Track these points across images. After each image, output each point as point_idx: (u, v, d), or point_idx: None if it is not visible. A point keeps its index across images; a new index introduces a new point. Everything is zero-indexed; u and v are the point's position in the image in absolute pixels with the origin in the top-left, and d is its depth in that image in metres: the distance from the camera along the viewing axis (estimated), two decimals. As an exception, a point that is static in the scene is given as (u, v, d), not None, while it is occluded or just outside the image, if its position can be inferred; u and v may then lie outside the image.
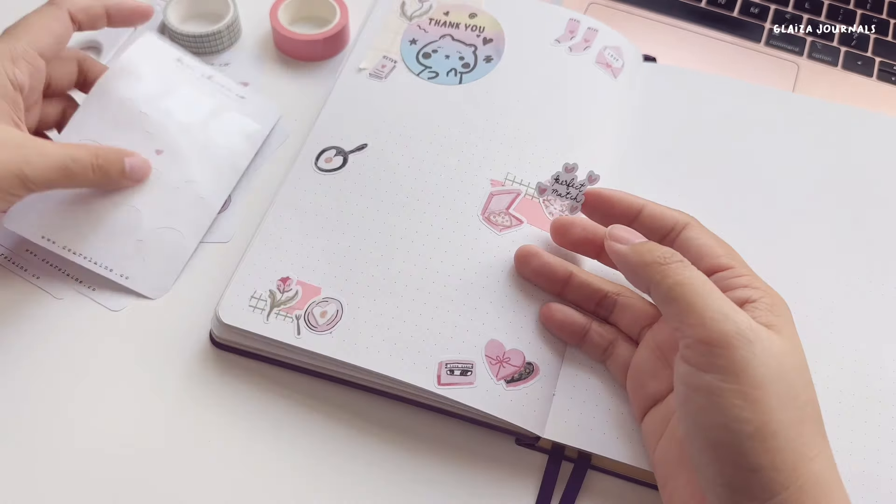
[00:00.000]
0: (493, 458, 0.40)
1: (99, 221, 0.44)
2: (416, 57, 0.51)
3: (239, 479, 0.39)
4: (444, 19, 0.53)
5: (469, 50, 0.51)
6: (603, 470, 0.40)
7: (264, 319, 0.41)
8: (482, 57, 0.51)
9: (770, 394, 0.31)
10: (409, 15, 0.53)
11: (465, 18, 0.53)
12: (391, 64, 0.51)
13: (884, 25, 0.63)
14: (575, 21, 0.53)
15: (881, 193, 0.50)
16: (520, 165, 0.47)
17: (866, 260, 0.47)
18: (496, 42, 0.52)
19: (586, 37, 0.53)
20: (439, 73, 0.50)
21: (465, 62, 0.51)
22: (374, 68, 0.50)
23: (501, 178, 0.46)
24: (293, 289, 0.42)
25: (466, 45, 0.52)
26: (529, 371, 0.40)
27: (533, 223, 0.45)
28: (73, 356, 0.42)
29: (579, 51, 0.52)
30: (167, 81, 0.48)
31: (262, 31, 0.56)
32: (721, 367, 0.32)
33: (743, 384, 0.31)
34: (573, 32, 0.53)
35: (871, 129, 0.53)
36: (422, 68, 0.51)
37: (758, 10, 0.62)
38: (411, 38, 0.52)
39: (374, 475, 0.40)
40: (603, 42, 0.53)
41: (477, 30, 0.52)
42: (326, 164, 0.46)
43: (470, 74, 0.51)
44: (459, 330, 0.41)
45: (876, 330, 0.44)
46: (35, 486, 0.38)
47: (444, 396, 0.39)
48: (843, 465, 0.33)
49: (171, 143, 0.46)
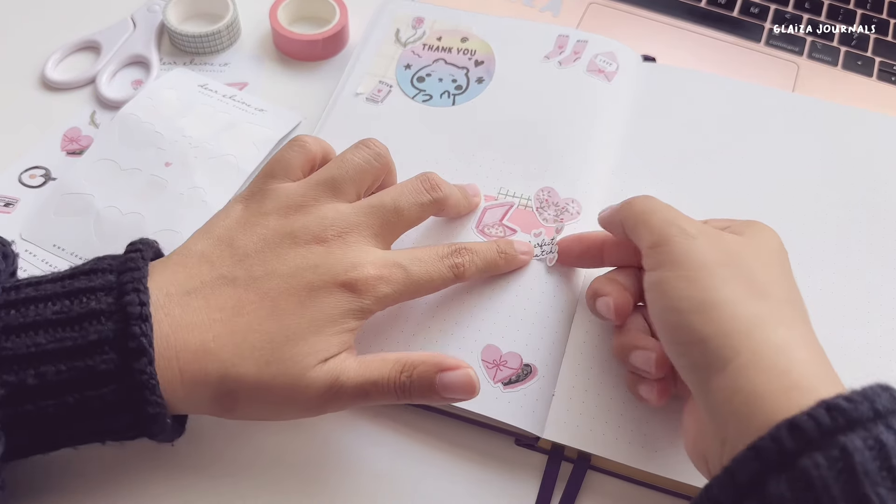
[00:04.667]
0: (492, 458, 0.40)
1: (105, 228, 0.45)
2: (410, 81, 0.52)
3: (237, 480, 0.39)
4: (437, 44, 0.54)
5: (461, 72, 0.52)
6: (603, 470, 0.40)
7: None
8: (474, 78, 0.52)
9: (714, 274, 0.33)
10: (404, 41, 0.54)
11: (458, 42, 0.54)
12: (387, 88, 0.52)
13: (884, 25, 0.63)
14: (563, 36, 0.54)
15: (881, 193, 0.50)
16: (512, 179, 0.47)
17: (866, 259, 0.47)
18: (487, 64, 0.53)
19: (575, 49, 0.54)
20: (433, 95, 0.51)
21: (457, 84, 0.52)
22: (370, 93, 0.51)
23: (494, 194, 0.47)
24: None
25: (459, 67, 0.53)
26: (527, 372, 0.40)
27: (526, 231, 0.45)
28: (73, 356, 0.42)
29: (569, 63, 0.53)
30: (186, 103, 0.50)
31: (262, 31, 0.56)
32: (666, 261, 0.34)
33: (685, 269, 0.33)
34: (562, 47, 0.54)
35: (871, 129, 0.53)
36: (416, 91, 0.51)
37: (758, 10, 0.62)
38: (406, 63, 0.53)
39: (373, 475, 0.40)
40: (594, 51, 0.53)
41: (469, 53, 0.53)
42: None
43: (462, 96, 0.51)
44: (455, 337, 0.41)
45: (876, 329, 0.44)
46: (35, 485, 0.38)
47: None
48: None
49: (181, 155, 0.48)
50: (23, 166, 0.48)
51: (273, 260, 0.35)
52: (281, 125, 0.51)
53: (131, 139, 0.48)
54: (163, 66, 0.54)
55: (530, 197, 0.46)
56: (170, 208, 0.46)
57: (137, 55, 0.54)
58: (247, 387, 0.33)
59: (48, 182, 0.47)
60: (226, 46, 0.55)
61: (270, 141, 0.50)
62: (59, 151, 0.49)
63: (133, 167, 0.47)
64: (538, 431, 0.39)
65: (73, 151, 0.49)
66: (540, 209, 0.46)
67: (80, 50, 0.54)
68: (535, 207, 0.46)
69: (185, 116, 0.50)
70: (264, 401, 0.34)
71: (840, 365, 0.43)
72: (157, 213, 0.46)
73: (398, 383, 0.35)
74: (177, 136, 0.48)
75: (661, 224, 0.36)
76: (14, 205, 0.46)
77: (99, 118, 0.51)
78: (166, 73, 0.52)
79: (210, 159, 0.48)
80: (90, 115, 0.51)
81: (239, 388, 0.33)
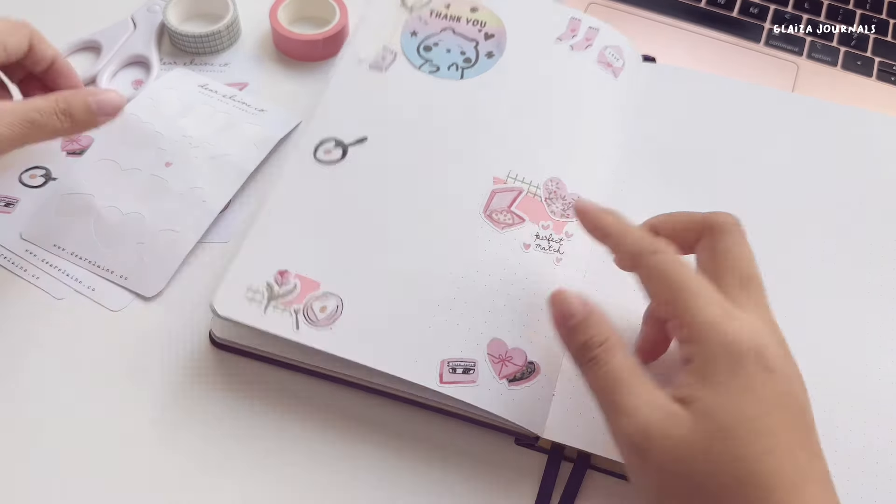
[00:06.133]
0: (492, 458, 0.40)
1: (104, 228, 0.45)
2: (416, 50, 0.51)
3: (238, 480, 0.39)
4: (445, 12, 0.52)
5: (470, 45, 0.51)
6: (603, 470, 0.40)
7: (261, 312, 0.40)
8: (484, 52, 0.51)
9: (671, 490, 0.30)
10: (410, 6, 0.52)
11: (467, 12, 0.52)
12: (391, 56, 0.50)
13: (883, 25, 0.63)
14: (576, 20, 0.53)
15: (881, 193, 0.50)
16: (522, 164, 0.46)
17: (866, 259, 0.47)
18: (498, 38, 0.52)
19: (587, 36, 0.53)
20: (440, 66, 0.50)
21: (466, 57, 0.51)
22: (374, 60, 0.50)
23: (504, 176, 0.46)
24: (291, 282, 0.41)
25: (467, 39, 0.51)
26: (531, 370, 0.40)
27: (535, 221, 0.45)
28: (74, 356, 0.42)
29: (580, 49, 0.52)
30: (186, 103, 0.50)
31: (262, 31, 0.56)
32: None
33: (647, 493, 0.31)
34: (574, 31, 0.53)
35: (871, 130, 0.52)
36: (423, 61, 0.50)
37: (757, 10, 0.62)
38: (412, 30, 0.51)
39: (373, 475, 0.40)
40: (604, 41, 0.53)
41: (478, 24, 0.52)
42: (325, 156, 0.46)
43: (472, 69, 0.50)
44: (461, 328, 0.41)
45: (876, 329, 0.44)
46: (35, 485, 0.38)
47: (446, 395, 0.39)
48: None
49: (180, 154, 0.48)
50: (23, 166, 0.48)
51: None
52: (281, 125, 0.51)
53: (132, 139, 0.48)
54: (163, 66, 0.54)
55: (539, 185, 0.46)
56: (170, 208, 0.46)
57: (137, 55, 0.54)
58: None
59: (48, 182, 0.47)
60: (226, 46, 0.55)
61: (271, 141, 0.50)
62: (60, 151, 0.49)
63: (133, 167, 0.47)
64: (538, 431, 0.39)
65: (73, 151, 0.49)
66: (549, 200, 0.45)
67: (81, 50, 0.54)
68: (544, 198, 0.45)
69: (185, 116, 0.50)
70: None
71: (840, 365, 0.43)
72: (158, 212, 0.46)
73: (59, 109, 0.41)
74: (177, 136, 0.48)
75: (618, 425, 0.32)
76: (14, 205, 0.46)
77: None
78: (166, 74, 0.52)
79: (211, 159, 0.48)
80: (90, 115, 0.51)
81: None
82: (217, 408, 0.41)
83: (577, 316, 0.34)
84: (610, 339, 0.33)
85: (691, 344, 0.32)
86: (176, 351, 0.42)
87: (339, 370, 0.41)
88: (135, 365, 0.42)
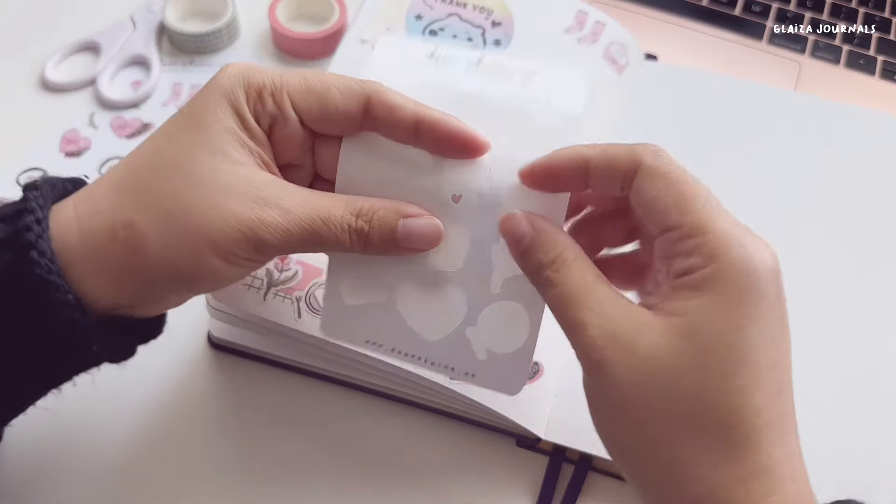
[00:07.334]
0: (493, 459, 0.40)
1: None
2: (421, 34, 0.49)
3: (237, 481, 0.39)
4: None
5: (477, 31, 0.50)
6: (604, 472, 0.40)
7: (261, 299, 0.38)
8: (491, 40, 0.50)
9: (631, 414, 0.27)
10: None
11: None
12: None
13: (886, 24, 0.62)
14: (583, 13, 0.53)
15: (883, 192, 0.49)
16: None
17: (867, 258, 0.46)
18: (505, 26, 0.51)
19: (594, 30, 0.52)
20: None
21: (473, 44, 0.49)
22: (376, 40, 0.49)
23: None
24: (292, 268, 0.40)
25: (474, 26, 0.50)
26: (535, 371, 0.40)
27: None
28: (72, 358, 0.42)
29: (587, 44, 0.51)
30: (431, 92, 0.36)
31: (261, 29, 0.56)
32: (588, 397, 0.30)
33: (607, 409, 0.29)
34: (581, 24, 0.52)
35: (874, 128, 0.52)
36: None
37: (760, 9, 0.62)
38: (417, 13, 0.50)
39: (373, 477, 0.39)
40: (610, 37, 0.52)
41: (485, 12, 0.51)
42: None
43: None
44: None
45: (876, 328, 0.44)
46: (34, 485, 0.38)
47: (454, 392, 0.38)
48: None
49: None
50: (20, 168, 0.48)
51: None
52: (569, 93, 0.48)
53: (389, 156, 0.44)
54: (163, 67, 0.53)
55: None
56: None
57: (137, 55, 0.54)
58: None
59: (47, 183, 0.47)
60: (225, 45, 0.55)
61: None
62: (58, 153, 0.49)
63: None
64: (540, 432, 0.39)
65: (71, 153, 0.49)
66: None
67: (80, 51, 0.54)
68: None
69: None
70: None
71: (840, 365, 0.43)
72: None
73: (355, 228, 0.31)
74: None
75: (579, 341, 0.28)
76: (13, 205, 0.46)
77: (98, 119, 0.51)
78: (377, 47, 0.47)
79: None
80: (89, 116, 0.51)
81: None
82: (214, 409, 0.41)
83: (525, 237, 0.31)
84: (561, 254, 0.30)
85: (700, 256, 0.27)
86: (173, 352, 0.42)
87: (338, 371, 0.40)
88: (131, 366, 0.42)
